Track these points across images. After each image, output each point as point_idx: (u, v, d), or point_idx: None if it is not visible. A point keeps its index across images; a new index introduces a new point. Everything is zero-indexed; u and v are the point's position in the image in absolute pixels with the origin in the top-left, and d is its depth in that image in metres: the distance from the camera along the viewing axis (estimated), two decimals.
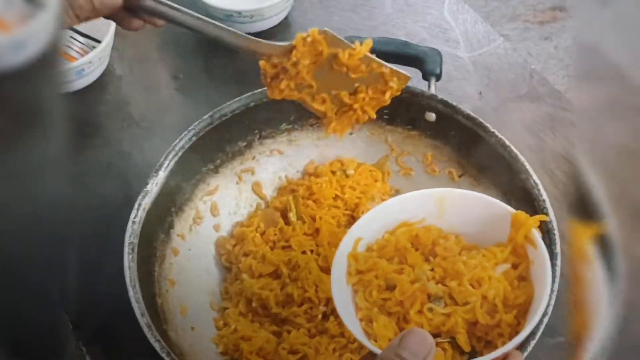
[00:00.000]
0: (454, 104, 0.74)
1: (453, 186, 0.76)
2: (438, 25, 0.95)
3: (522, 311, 0.52)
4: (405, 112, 0.77)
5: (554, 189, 0.78)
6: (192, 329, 0.69)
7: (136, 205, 0.68)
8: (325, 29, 0.64)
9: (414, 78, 0.83)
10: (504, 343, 0.49)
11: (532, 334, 0.57)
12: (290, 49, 0.62)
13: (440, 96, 0.74)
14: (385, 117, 0.78)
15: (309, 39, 0.62)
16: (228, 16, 0.92)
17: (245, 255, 0.72)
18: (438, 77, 0.77)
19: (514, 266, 0.54)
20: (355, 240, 0.56)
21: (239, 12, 0.92)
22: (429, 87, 0.76)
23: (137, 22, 0.62)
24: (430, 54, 0.76)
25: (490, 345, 0.50)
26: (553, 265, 0.63)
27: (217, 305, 0.72)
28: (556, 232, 0.65)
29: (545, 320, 0.58)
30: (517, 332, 0.50)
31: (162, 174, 0.71)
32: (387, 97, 0.65)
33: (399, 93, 0.65)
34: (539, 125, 0.85)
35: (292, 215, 0.74)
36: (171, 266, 0.71)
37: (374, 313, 0.53)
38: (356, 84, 0.65)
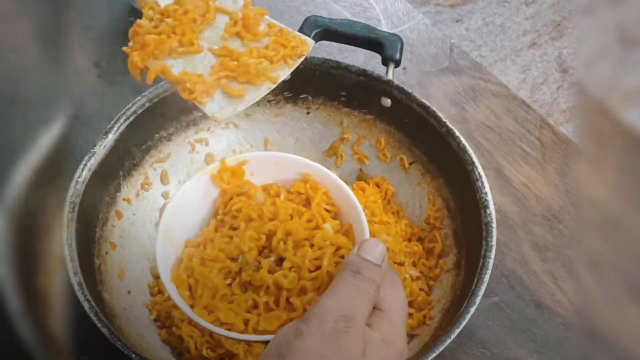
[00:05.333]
0: (409, 91, 0.74)
1: (403, 175, 0.77)
2: (358, 4, 0.96)
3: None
4: (362, 96, 0.77)
5: (480, 158, 0.79)
6: (129, 292, 0.69)
7: (81, 166, 0.68)
8: None
9: (373, 62, 0.84)
10: None
11: (474, 296, 0.62)
12: None
13: (396, 82, 0.75)
14: (342, 99, 0.78)
15: None
16: None
17: None
18: (397, 63, 0.77)
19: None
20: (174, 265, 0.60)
21: None
22: (387, 72, 0.76)
23: None
24: (390, 39, 0.76)
25: None
26: (486, 255, 0.64)
27: (156, 271, 0.72)
28: (494, 224, 0.66)
29: (486, 278, 0.63)
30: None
31: (111, 137, 0.70)
32: (290, 62, 0.60)
33: (298, 58, 0.60)
34: (462, 96, 0.87)
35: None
36: (113, 229, 0.71)
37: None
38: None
